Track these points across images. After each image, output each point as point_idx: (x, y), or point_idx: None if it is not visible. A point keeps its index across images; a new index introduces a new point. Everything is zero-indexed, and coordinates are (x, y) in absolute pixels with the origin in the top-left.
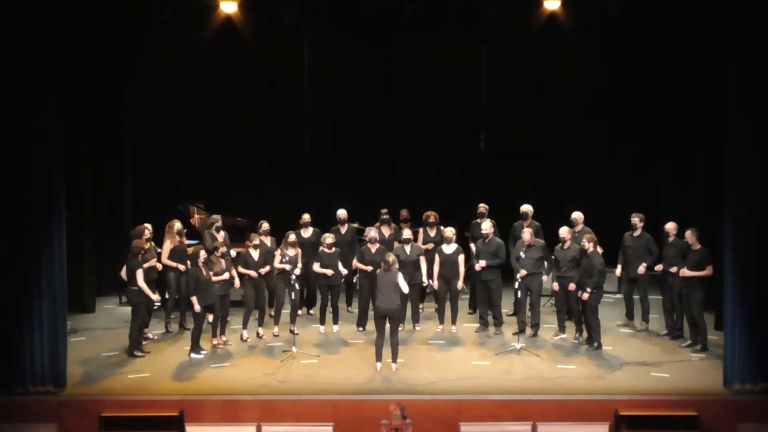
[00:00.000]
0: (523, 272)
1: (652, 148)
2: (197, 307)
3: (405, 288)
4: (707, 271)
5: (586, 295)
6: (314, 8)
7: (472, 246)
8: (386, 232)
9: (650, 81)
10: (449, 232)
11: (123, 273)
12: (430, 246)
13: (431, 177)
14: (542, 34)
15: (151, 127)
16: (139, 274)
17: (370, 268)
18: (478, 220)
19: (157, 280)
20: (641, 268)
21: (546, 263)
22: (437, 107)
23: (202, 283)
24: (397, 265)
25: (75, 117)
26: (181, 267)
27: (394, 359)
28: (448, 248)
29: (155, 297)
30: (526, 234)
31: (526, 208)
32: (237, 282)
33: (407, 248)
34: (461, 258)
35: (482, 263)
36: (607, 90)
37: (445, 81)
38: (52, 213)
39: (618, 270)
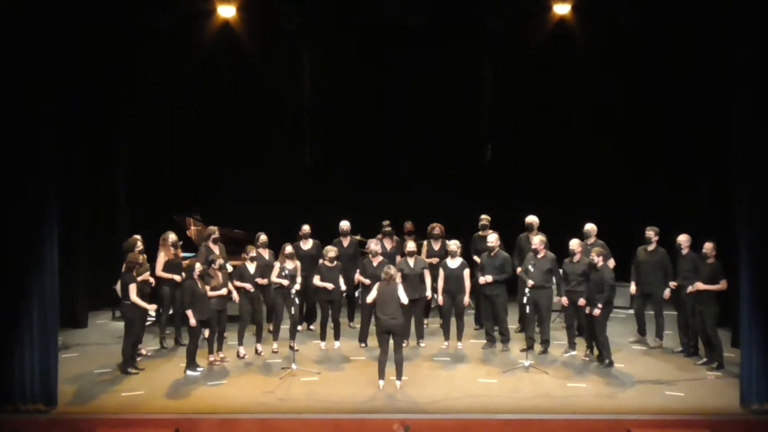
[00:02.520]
0: (531, 282)
1: (663, 159)
2: (192, 321)
3: (404, 299)
4: (721, 285)
5: (597, 311)
6: (314, 18)
7: (476, 259)
8: (388, 244)
9: (659, 91)
10: (453, 245)
11: (117, 287)
12: (435, 260)
13: (435, 188)
14: (549, 45)
15: (147, 136)
16: (132, 289)
17: (369, 282)
18: (481, 233)
19: (151, 293)
20: (666, 293)
21: (554, 278)
22: (441, 117)
23: (197, 296)
24: (398, 278)
25: (70, 128)
26: (177, 278)
27: (399, 377)
28: (453, 262)
29: (151, 307)
30: (536, 240)
31: (532, 219)
32: (235, 295)
33: (411, 261)
34: (467, 272)
35: (488, 278)
36: (615, 100)
37: (449, 91)
38: (44, 224)
39: (632, 287)
